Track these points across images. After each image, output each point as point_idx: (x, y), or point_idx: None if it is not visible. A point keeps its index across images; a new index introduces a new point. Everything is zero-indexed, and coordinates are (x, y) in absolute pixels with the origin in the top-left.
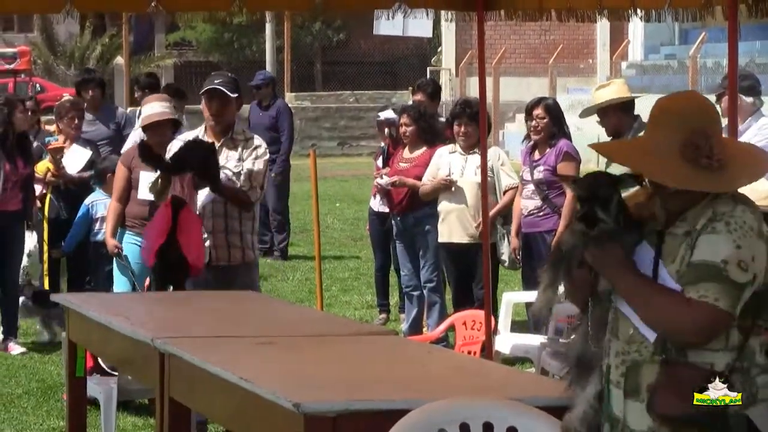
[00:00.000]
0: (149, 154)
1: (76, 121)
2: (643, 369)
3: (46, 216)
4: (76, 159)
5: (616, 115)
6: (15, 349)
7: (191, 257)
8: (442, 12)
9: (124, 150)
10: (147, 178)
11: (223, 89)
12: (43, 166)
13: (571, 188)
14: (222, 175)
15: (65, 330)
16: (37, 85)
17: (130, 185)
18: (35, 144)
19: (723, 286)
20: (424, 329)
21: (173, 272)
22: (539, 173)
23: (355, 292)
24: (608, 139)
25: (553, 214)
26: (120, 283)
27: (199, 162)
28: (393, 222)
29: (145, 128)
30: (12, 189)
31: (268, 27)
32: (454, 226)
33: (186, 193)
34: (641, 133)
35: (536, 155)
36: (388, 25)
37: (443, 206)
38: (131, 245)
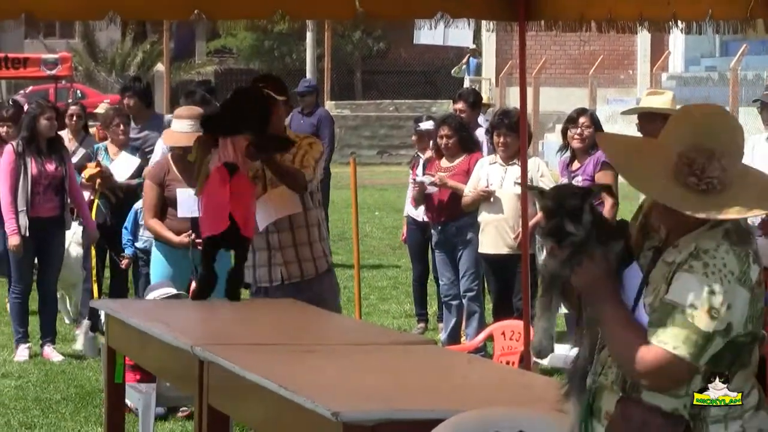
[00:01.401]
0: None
1: (122, 127)
2: (604, 394)
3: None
4: (124, 166)
5: (657, 125)
6: (53, 356)
7: (242, 226)
8: (483, 22)
9: (151, 164)
10: (184, 194)
11: (269, 92)
12: (87, 173)
13: (537, 199)
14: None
15: (104, 336)
16: (78, 92)
17: (164, 202)
18: (82, 151)
19: (685, 333)
20: (463, 339)
21: (231, 246)
22: (578, 183)
23: (393, 301)
24: None
25: None
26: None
27: (257, 121)
28: (433, 231)
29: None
30: (45, 192)
31: (308, 35)
32: (493, 237)
33: (239, 158)
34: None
35: (574, 166)
36: (428, 34)
37: (483, 217)
38: (177, 260)
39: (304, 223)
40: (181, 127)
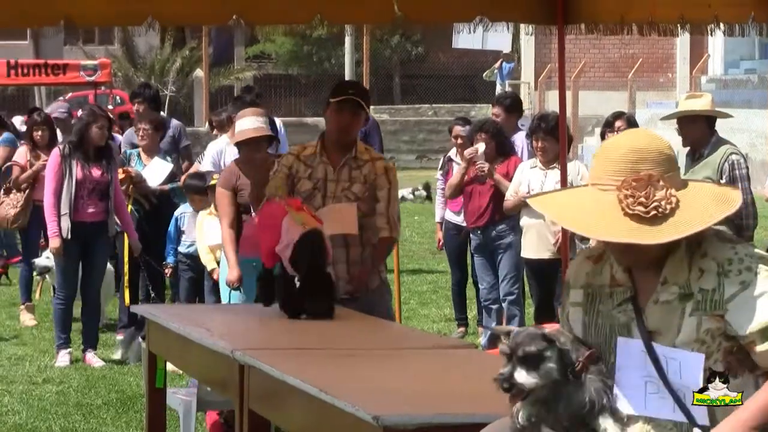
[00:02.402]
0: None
1: (145, 132)
2: None
3: None
4: (156, 172)
5: (700, 126)
6: (95, 362)
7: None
8: (522, 25)
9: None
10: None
11: (359, 101)
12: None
13: (500, 344)
14: (342, 201)
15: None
16: (117, 98)
17: (238, 208)
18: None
19: None
20: None
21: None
22: None
23: (433, 306)
24: (685, 150)
25: None
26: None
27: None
28: (472, 236)
29: (238, 144)
30: (89, 197)
31: (347, 40)
32: (534, 241)
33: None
34: (720, 149)
35: None
36: (467, 38)
37: (524, 222)
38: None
39: (359, 242)
40: (247, 124)
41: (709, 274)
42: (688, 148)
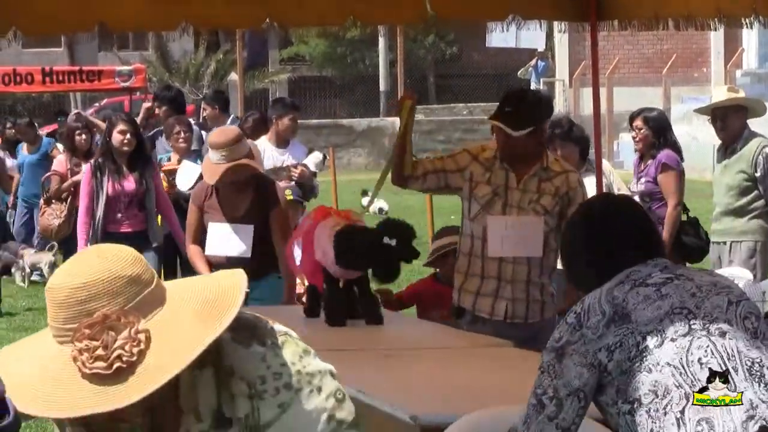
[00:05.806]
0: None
1: (183, 135)
2: None
3: None
4: (187, 175)
5: (742, 118)
6: None
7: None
8: (555, 23)
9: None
10: (217, 230)
11: (516, 118)
12: None
13: None
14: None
15: None
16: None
17: (203, 226)
18: None
19: None
20: None
21: None
22: (641, 185)
23: None
24: (714, 145)
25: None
26: None
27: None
28: None
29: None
30: (126, 210)
31: (381, 41)
32: None
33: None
34: (752, 142)
35: (642, 167)
36: (500, 37)
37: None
38: None
39: (541, 263)
40: (216, 158)
41: (240, 398)
42: (719, 144)
